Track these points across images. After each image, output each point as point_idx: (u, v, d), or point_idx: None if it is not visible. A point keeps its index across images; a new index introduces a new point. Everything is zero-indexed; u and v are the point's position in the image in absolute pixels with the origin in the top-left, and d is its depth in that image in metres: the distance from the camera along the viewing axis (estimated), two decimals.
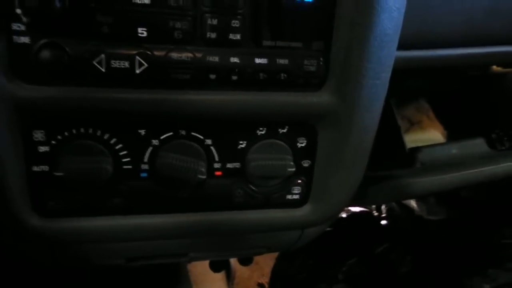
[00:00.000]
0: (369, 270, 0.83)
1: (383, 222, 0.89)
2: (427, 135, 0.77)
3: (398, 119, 0.69)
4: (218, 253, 0.49)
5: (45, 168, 0.35)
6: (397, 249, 0.83)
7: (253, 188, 0.40)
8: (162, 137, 0.37)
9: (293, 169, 0.39)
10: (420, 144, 0.64)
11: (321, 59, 0.36)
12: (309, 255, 0.85)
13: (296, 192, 0.42)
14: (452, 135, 0.74)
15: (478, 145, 0.57)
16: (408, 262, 0.83)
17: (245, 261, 0.67)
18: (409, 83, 0.73)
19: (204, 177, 0.37)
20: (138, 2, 0.32)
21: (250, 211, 0.41)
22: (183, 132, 0.37)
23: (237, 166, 0.39)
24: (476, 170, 0.51)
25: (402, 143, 0.54)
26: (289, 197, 0.42)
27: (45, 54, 0.31)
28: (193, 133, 0.37)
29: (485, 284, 0.75)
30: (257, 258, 1.14)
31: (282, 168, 0.39)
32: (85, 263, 0.44)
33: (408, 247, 0.84)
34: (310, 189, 0.42)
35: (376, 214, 0.90)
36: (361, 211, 0.92)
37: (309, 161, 0.41)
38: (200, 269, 0.86)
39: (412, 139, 0.72)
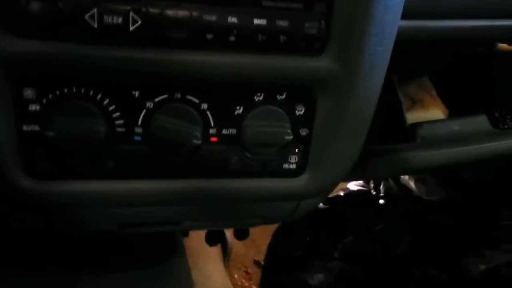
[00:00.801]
0: (366, 248, 0.83)
1: (381, 201, 0.88)
2: (429, 114, 0.76)
3: (400, 96, 0.68)
4: (213, 222, 0.49)
5: (36, 128, 0.35)
6: (394, 228, 0.83)
7: (249, 155, 0.39)
8: (156, 100, 0.36)
9: (291, 137, 0.38)
10: None
11: (323, 22, 0.35)
12: (305, 232, 0.85)
13: (293, 161, 0.41)
14: (454, 115, 0.73)
15: (480, 122, 0.56)
16: (405, 242, 0.83)
17: (241, 234, 0.67)
18: (412, 60, 0.71)
19: (199, 142, 0.37)
20: None
21: (246, 179, 0.40)
22: (178, 95, 0.36)
23: (233, 133, 0.38)
24: (477, 146, 0.50)
25: (402, 118, 0.53)
26: (286, 166, 0.41)
27: (35, 6, 0.30)
28: (188, 97, 0.36)
29: (481, 265, 0.74)
30: (253, 235, 1.14)
31: (279, 135, 0.38)
32: (79, 229, 0.43)
33: (405, 227, 0.84)
34: (307, 158, 0.41)
35: (374, 193, 0.90)
36: (359, 190, 0.91)
37: (307, 130, 0.40)
38: (196, 244, 0.86)
39: (413, 118, 0.71)
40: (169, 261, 0.65)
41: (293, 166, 0.41)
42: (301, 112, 0.39)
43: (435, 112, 0.79)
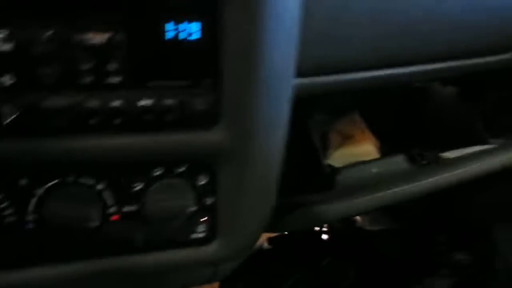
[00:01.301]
0: (313, 285, 0.83)
1: (325, 236, 0.89)
2: (360, 149, 0.77)
3: (331, 134, 0.69)
4: None
5: None
6: (338, 263, 0.84)
7: (153, 230, 0.39)
8: (47, 186, 0.35)
9: (194, 208, 0.38)
10: (352, 159, 0.64)
11: (211, 96, 0.35)
12: (252, 275, 0.84)
13: (201, 230, 0.40)
14: (386, 148, 0.75)
15: (398, 162, 0.57)
16: (350, 275, 0.83)
17: None
18: (338, 100, 0.73)
19: (97, 223, 0.36)
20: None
21: (153, 253, 0.40)
22: (71, 179, 0.35)
23: (134, 209, 0.38)
24: (394, 190, 0.51)
25: (320, 164, 0.53)
26: (194, 236, 0.40)
27: None
28: (82, 180, 0.35)
29: None
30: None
31: (181, 208, 0.38)
32: None
33: (350, 259, 0.84)
34: (216, 225, 0.41)
35: (317, 229, 0.91)
36: None
37: (212, 198, 0.39)
38: None
39: (344, 153, 0.72)
40: None
41: (202, 234, 0.40)
42: (204, 182, 0.39)
43: (367, 147, 0.80)
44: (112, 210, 0.37)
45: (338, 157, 0.71)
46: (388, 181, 0.53)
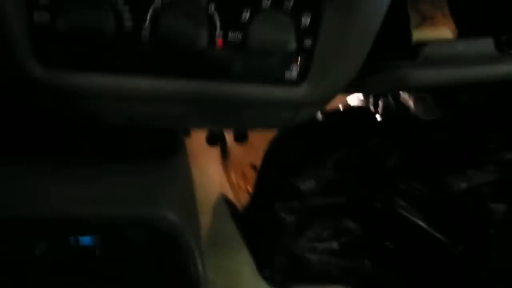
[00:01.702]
0: (358, 161, 0.87)
1: (378, 118, 0.91)
2: (437, 33, 0.75)
3: (411, 12, 0.66)
4: (215, 122, 0.51)
5: (47, 17, 0.35)
6: (387, 144, 0.87)
7: (252, 61, 0.41)
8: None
9: (294, 47, 0.39)
10: None
11: None
12: (302, 141, 0.88)
13: (295, 70, 0.42)
14: (463, 35, 0.72)
15: (485, 45, 0.56)
16: (395, 157, 0.87)
17: (240, 137, 0.70)
18: None
19: (204, 45, 0.38)
20: None
21: (247, 85, 0.42)
22: None
23: (239, 37, 0.39)
24: (477, 68, 0.51)
25: (409, 35, 0.52)
26: (287, 74, 0.42)
27: None
28: None
29: (462, 183, 0.79)
30: (252, 140, 1.19)
31: (282, 44, 0.39)
32: (88, 119, 0.46)
33: (398, 143, 0.87)
34: (309, 68, 0.42)
35: (372, 110, 0.92)
36: (358, 106, 0.93)
37: (312, 40, 0.40)
38: (196, 145, 0.90)
39: (421, 35, 0.70)
40: (170, 156, 0.69)
41: (295, 75, 0.42)
42: (307, 22, 0.39)
43: (444, 31, 0.78)
44: (218, 34, 0.39)
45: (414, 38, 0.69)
46: (474, 60, 0.52)
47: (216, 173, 0.95)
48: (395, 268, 0.82)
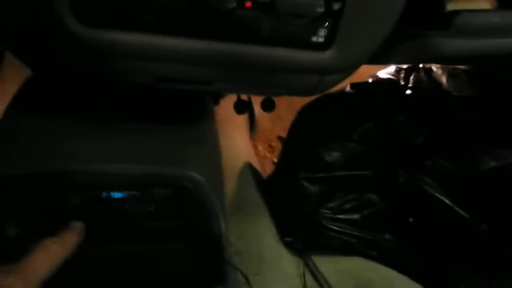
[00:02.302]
0: (385, 135, 0.87)
1: (409, 92, 0.89)
2: (474, 5, 0.73)
3: None
4: (242, 86, 0.53)
5: None
6: (416, 120, 0.86)
7: (281, 24, 0.41)
8: None
9: (323, 9, 0.39)
10: None
11: None
12: (329, 113, 0.88)
13: (322, 34, 0.42)
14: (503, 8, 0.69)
15: None
16: (423, 133, 0.86)
17: (268, 106, 0.71)
18: None
19: (234, 5, 0.38)
20: None
21: (275, 48, 0.43)
22: None
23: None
24: None
25: (442, 3, 0.51)
26: (314, 39, 0.42)
27: None
28: None
29: (492, 161, 0.78)
30: (279, 112, 1.20)
31: (312, 6, 0.39)
32: (119, 76, 0.47)
33: (427, 119, 0.86)
34: (336, 33, 0.42)
35: (403, 83, 0.91)
36: (388, 79, 0.92)
37: (340, 4, 0.40)
38: (225, 112, 0.92)
39: (455, 7, 0.69)
40: (198, 121, 0.70)
41: (321, 39, 0.43)
42: None
43: (482, 4, 0.75)
44: None
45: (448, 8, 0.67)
46: (510, 31, 0.50)
47: (243, 143, 0.96)
48: (416, 244, 0.83)
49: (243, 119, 1.05)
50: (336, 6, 0.40)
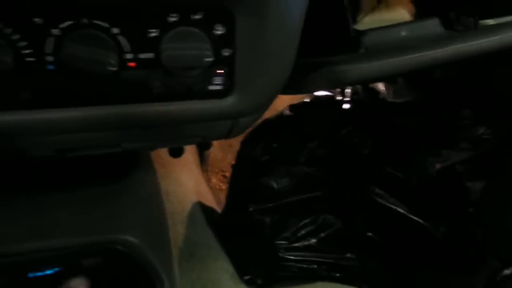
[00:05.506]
0: (330, 152, 0.85)
1: (347, 106, 0.89)
2: (394, 15, 0.72)
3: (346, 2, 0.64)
4: (151, 142, 0.50)
5: None
6: (358, 132, 0.85)
7: (171, 79, 0.39)
8: (61, 26, 0.34)
9: (211, 59, 0.37)
10: (383, 25, 0.61)
11: None
12: (272, 139, 0.87)
13: (219, 82, 0.40)
14: (423, 15, 0.70)
15: (431, 26, 0.53)
16: (368, 144, 0.85)
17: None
18: None
19: (114, 68, 0.36)
20: None
21: (172, 103, 0.40)
22: (85, 21, 0.34)
23: (151, 57, 0.37)
24: (421, 54, 0.49)
25: (347, 27, 0.50)
26: (211, 87, 0.40)
27: None
28: (96, 21, 0.35)
29: (437, 163, 0.77)
30: (230, 141, 1.17)
31: (198, 57, 0.37)
32: (17, 154, 0.44)
33: (369, 130, 0.85)
34: (233, 79, 0.40)
35: (340, 97, 0.90)
36: (324, 95, 0.91)
37: (230, 50, 0.38)
38: (166, 156, 0.89)
39: (375, 19, 0.68)
40: (132, 175, 0.67)
41: (220, 87, 0.40)
42: (221, 32, 0.37)
43: (401, 12, 0.75)
44: (128, 56, 0.37)
45: (368, 23, 0.66)
46: (418, 44, 0.50)
47: (192, 181, 0.93)
48: (379, 258, 0.81)
49: (190, 154, 1.02)
50: (226, 53, 0.39)
